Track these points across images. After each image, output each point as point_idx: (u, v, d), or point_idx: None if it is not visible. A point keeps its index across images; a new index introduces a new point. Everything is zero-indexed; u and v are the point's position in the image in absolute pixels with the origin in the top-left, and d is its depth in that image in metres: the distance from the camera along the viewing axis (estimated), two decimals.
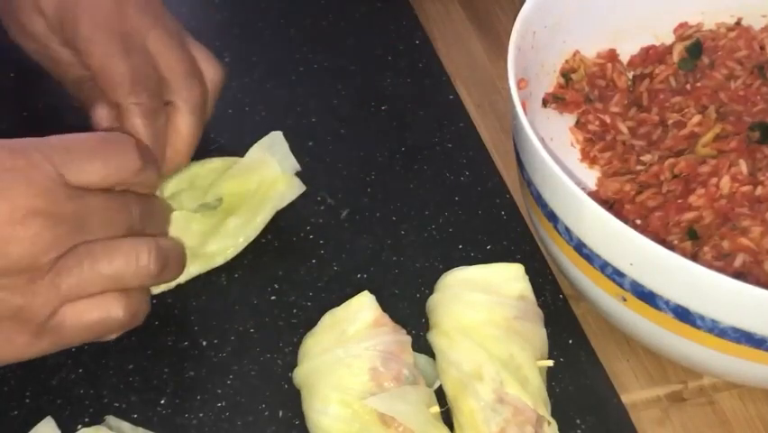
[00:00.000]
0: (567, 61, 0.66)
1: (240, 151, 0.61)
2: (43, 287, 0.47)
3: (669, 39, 0.69)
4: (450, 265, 0.56)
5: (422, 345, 0.54)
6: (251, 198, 0.59)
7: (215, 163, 0.62)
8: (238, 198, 0.59)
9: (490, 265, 0.54)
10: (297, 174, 0.61)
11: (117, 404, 0.54)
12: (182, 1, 0.75)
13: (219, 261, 0.59)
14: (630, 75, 0.68)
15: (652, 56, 0.68)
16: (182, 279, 0.57)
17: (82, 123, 0.59)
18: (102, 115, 0.57)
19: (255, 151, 0.60)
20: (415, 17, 0.77)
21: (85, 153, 0.49)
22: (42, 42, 0.59)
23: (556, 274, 0.60)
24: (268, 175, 0.60)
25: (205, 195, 0.60)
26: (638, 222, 0.59)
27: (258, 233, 0.59)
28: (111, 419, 0.52)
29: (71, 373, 0.55)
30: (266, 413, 0.54)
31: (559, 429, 0.51)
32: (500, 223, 0.63)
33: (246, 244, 0.59)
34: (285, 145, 0.61)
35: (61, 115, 0.68)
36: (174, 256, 0.53)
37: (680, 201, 0.59)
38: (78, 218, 0.48)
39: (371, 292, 0.53)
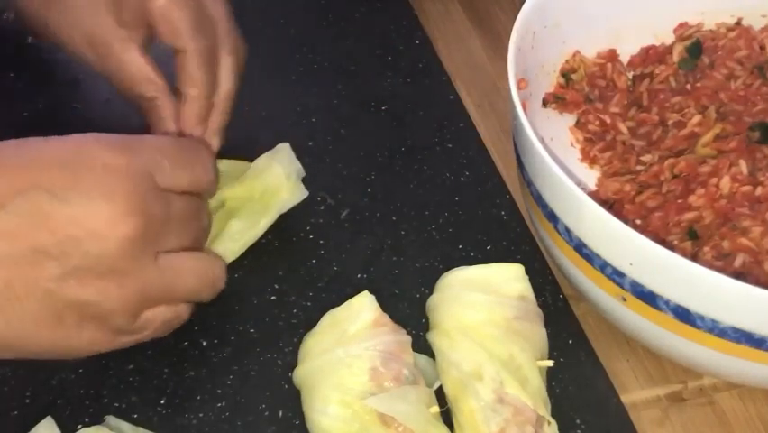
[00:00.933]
0: (567, 61, 0.66)
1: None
2: (132, 294, 0.48)
3: (669, 39, 0.69)
4: (450, 265, 0.56)
5: (422, 345, 0.54)
6: (255, 202, 0.59)
7: (221, 165, 0.61)
8: (241, 202, 0.59)
9: (490, 265, 0.54)
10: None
11: (117, 404, 0.54)
12: None
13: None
14: (630, 75, 0.68)
15: (652, 56, 0.68)
16: None
17: (82, 123, 0.59)
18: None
19: (262, 159, 0.60)
20: (415, 17, 0.77)
21: (174, 158, 0.50)
22: (104, 48, 0.58)
23: (556, 274, 0.60)
24: (272, 181, 0.59)
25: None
26: (638, 222, 0.59)
27: (258, 237, 0.59)
28: (111, 419, 0.52)
29: (71, 373, 0.55)
30: (266, 413, 0.54)
31: (559, 429, 0.51)
32: (500, 223, 0.63)
33: (246, 247, 0.59)
34: (291, 153, 0.61)
35: (61, 115, 0.68)
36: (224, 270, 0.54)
37: (680, 201, 0.59)
38: (164, 222, 0.49)
39: (371, 292, 0.53)
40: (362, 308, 0.52)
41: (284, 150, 0.61)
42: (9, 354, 0.48)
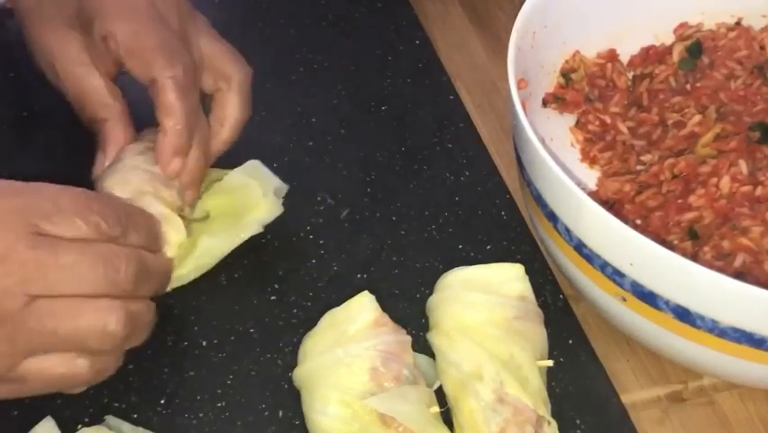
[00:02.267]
0: (567, 61, 0.66)
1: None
2: (2, 341, 0.45)
3: (669, 39, 0.69)
4: (450, 265, 0.56)
5: (422, 345, 0.54)
6: (231, 218, 0.59)
7: (211, 174, 0.61)
8: (221, 216, 0.59)
9: (490, 265, 0.54)
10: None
11: (117, 404, 0.54)
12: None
13: (191, 276, 0.58)
14: (630, 75, 0.68)
15: (652, 56, 0.68)
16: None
17: (81, 123, 0.59)
18: (96, 164, 0.57)
19: (236, 174, 0.60)
20: (415, 17, 0.77)
21: (67, 206, 0.48)
22: (63, 69, 0.57)
23: (556, 274, 0.60)
24: (250, 197, 0.59)
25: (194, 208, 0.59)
26: (638, 222, 0.59)
27: (226, 254, 0.59)
28: (111, 419, 0.52)
29: None
30: (266, 413, 0.54)
31: (559, 429, 0.51)
32: (500, 223, 0.63)
33: (214, 263, 0.58)
34: (266, 170, 0.60)
35: (61, 115, 0.68)
36: (144, 322, 0.50)
37: (680, 201, 0.59)
38: (42, 270, 0.46)
39: (371, 292, 0.53)
40: (362, 308, 0.52)
41: (257, 165, 0.60)
42: None
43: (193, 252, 0.57)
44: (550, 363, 0.53)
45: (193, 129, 0.56)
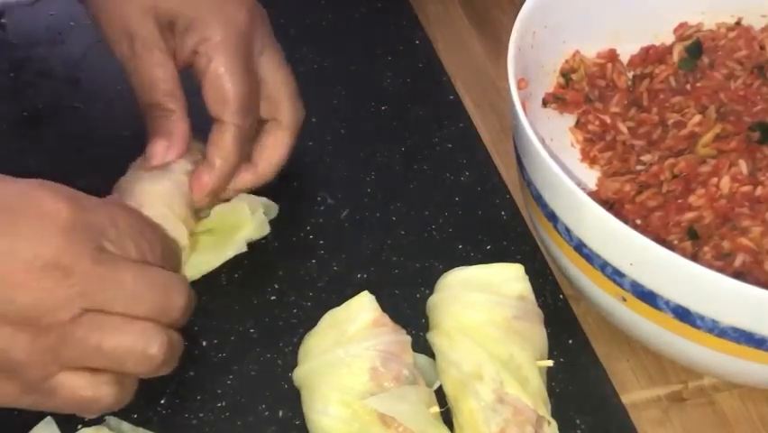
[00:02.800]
0: (567, 61, 0.66)
1: None
2: (45, 349, 0.45)
3: (669, 39, 0.69)
4: (450, 265, 0.56)
5: (422, 345, 0.54)
6: (218, 235, 0.59)
7: None
8: (208, 234, 0.59)
9: (490, 265, 0.54)
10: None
11: None
12: None
13: None
14: (630, 75, 0.68)
15: (652, 56, 0.68)
16: None
17: (82, 123, 0.59)
18: (158, 151, 0.57)
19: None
20: (415, 17, 0.77)
21: (124, 227, 0.48)
22: (142, 48, 0.56)
23: (556, 274, 0.60)
24: (239, 216, 0.59)
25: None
26: (638, 222, 0.59)
27: (210, 270, 0.59)
28: (111, 419, 0.52)
29: None
30: (266, 413, 0.54)
31: (559, 429, 0.51)
32: (500, 223, 0.63)
33: (196, 278, 0.58)
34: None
35: (61, 115, 0.68)
36: (177, 353, 0.51)
37: (680, 201, 0.59)
38: (102, 285, 0.46)
39: (371, 292, 0.53)
40: (362, 308, 0.52)
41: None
42: None
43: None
44: (550, 363, 0.53)
45: (234, 171, 0.58)
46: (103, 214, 0.48)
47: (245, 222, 0.59)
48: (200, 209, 0.58)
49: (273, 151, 0.60)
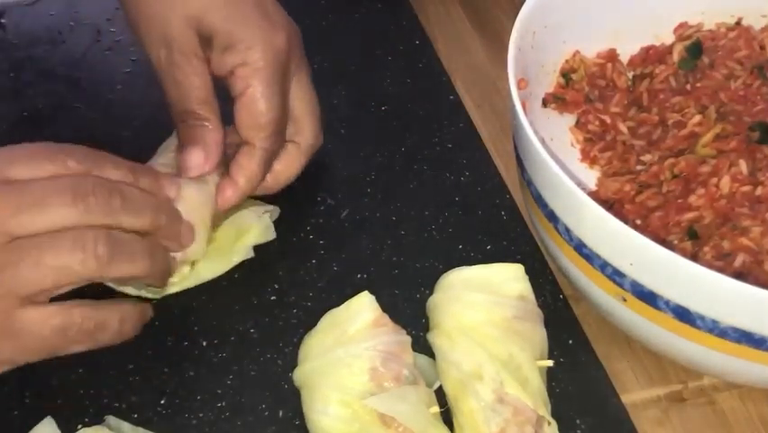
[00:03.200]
0: (567, 61, 0.66)
1: None
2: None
3: (669, 39, 0.69)
4: (450, 265, 0.56)
5: (422, 346, 0.54)
6: (223, 241, 0.59)
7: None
8: (214, 240, 0.59)
9: (490, 265, 0.54)
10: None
11: (117, 404, 0.54)
12: None
13: (174, 289, 0.58)
14: (630, 75, 0.68)
15: (652, 56, 0.68)
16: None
17: (82, 123, 0.59)
18: (197, 163, 0.56)
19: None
20: (415, 18, 0.77)
21: (38, 155, 0.49)
22: (180, 55, 0.56)
23: (556, 274, 0.60)
24: (243, 222, 0.60)
25: None
26: (638, 222, 0.59)
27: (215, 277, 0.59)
28: (111, 419, 0.52)
29: (71, 373, 0.55)
30: (266, 413, 0.54)
31: (559, 429, 0.51)
32: (500, 223, 0.63)
33: (198, 284, 0.59)
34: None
35: (61, 115, 0.68)
36: (132, 249, 0.50)
37: (680, 201, 0.59)
38: (13, 203, 0.47)
39: (371, 292, 0.53)
40: (362, 308, 0.52)
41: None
42: None
43: (184, 272, 0.57)
44: (550, 363, 0.53)
45: (254, 190, 0.59)
46: (7, 147, 0.49)
47: (251, 228, 0.60)
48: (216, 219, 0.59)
49: (286, 170, 0.61)
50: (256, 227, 0.60)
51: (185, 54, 0.56)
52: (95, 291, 0.52)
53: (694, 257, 0.55)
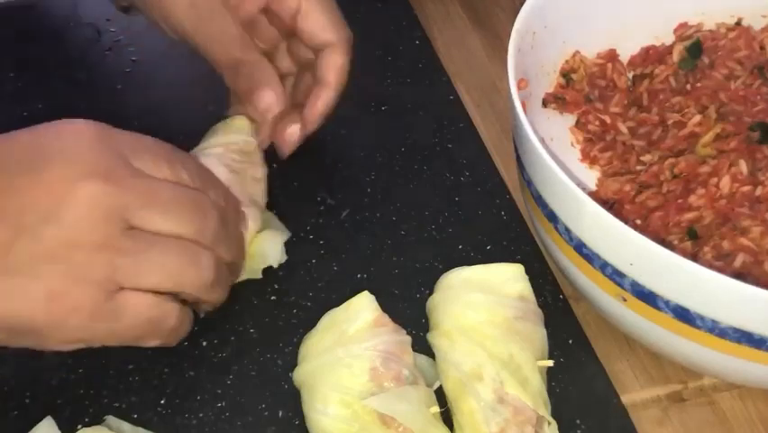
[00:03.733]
0: (567, 61, 0.66)
1: None
2: (103, 263, 0.46)
3: (669, 39, 0.69)
4: (450, 265, 0.56)
5: (422, 346, 0.54)
6: None
7: None
8: None
9: (490, 265, 0.54)
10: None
11: (117, 404, 0.54)
12: None
13: None
14: (630, 75, 0.68)
15: (652, 56, 0.68)
16: None
17: None
18: (272, 102, 0.58)
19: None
20: (415, 17, 0.77)
21: (165, 153, 0.50)
22: (208, 10, 0.58)
23: (556, 274, 0.60)
24: (259, 248, 0.59)
25: None
26: (638, 222, 0.59)
27: None
28: (111, 419, 0.52)
29: (71, 373, 0.55)
30: (266, 413, 0.54)
31: (559, 430, 0.51)
32: (500, 223, 0.63)
33: None
34: (273, 218, 0.61)
35: (61, 116, 0.68)
36: (225, 278, 0.53)
37: (680, 201, 0.59)
38: (143, 197, 0.47)
39: (371, 292, 0.53)
40: (362, 308, 0.52)
41: (265, 216, 0.61)
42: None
43: None
44: (550, 363, 0.53)
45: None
46: (130, 136, 0.49)
47: (265, 253, 0.59)
48: None
49: (332, 75, 0.62)
50: (271, 252, 0.59)
51: (213, 10, 0.57)
52: None
53: (694, 257, 0.55)
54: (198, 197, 0.50)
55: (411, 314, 0.57)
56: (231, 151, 0.59)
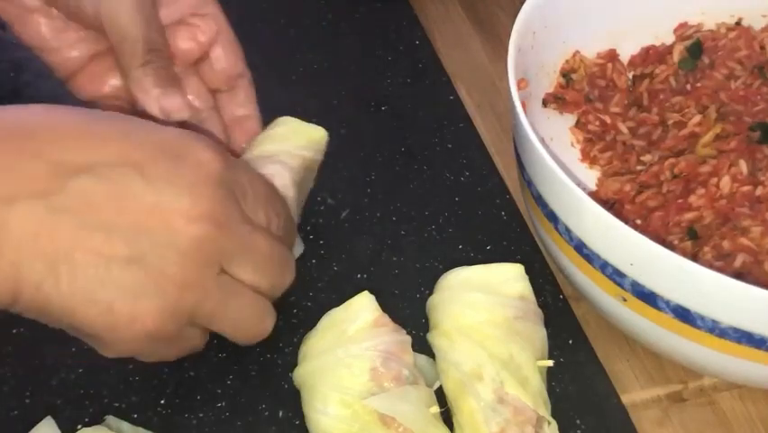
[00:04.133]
0: (567, 61, 0.66)
1: None
2: (189, 301, 0.47)
3: (669, 39, 0.69)
4: (450, 265, 0.56)
5: (422, 346, 0.54)
6: None
7: None
8: None
9: (490, 265, 0.54)
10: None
11: (117, 404, 0.54)
12: None
13: None
14: (630, 75, 0.68)
15: (652, 56, 0.68)
16: None
17: None
18: (176, 104, 0.55)
19: None
20: (415, 17, 0.77)
21: (257, 191, 0.50)
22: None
23: (556, 274, 0.60)
24: None
25: None
26: (638, 222, 0.59)
27: None
28: (111, 419, 0.52)
29: (71, 373, 0.55)
30: (266, 413, 0.54)
31: (559, 429, 0.51)
32: (500, 223, 0.63)
33: None
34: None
35: None
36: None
37: (680, 201, 0.59)
38: (243, 248, 0.48)
39: (371, 292, 0.53)
40: (362, 308, 0.52)
41: None
42: (59, 321, 0.46)
43: None
44: (550, 363, 0.53)
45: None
46: (244, 174, 0.50)
47: None
48: None
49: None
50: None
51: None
52: None
53: (694, 257, 0.55)
54: (285, 254, 0.51)
55: (411, 314, 0.57)
56: (302, 166, 0.58)
